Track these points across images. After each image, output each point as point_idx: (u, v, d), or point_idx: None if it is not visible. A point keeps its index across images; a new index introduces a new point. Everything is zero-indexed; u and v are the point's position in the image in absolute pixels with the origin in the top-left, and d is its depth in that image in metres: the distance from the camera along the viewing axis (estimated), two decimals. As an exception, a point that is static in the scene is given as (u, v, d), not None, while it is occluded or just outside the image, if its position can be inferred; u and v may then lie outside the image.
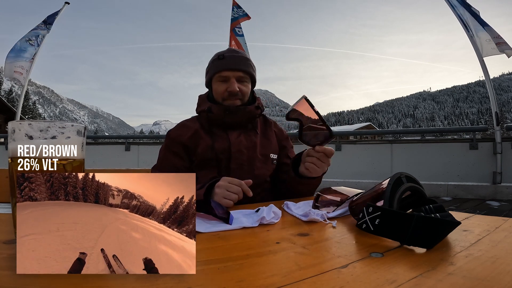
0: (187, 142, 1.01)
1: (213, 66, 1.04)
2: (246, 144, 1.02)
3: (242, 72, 1.02)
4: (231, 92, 1.00)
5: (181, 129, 1.05)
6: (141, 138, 19.63)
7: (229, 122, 1.02)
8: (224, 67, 1.01)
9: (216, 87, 1.03)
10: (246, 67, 1.03)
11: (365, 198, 0.59)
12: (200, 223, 0.56)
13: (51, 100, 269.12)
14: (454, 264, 0.38)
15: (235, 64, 1.01)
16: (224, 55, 1.03)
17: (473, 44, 4.45)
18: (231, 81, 1.00)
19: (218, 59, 1.03)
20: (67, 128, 0.41)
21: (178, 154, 1.02)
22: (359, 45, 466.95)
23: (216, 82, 1.03)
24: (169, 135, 1.06)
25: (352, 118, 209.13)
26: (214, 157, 0.98)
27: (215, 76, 1.03)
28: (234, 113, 1.00)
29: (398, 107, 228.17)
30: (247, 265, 0.38)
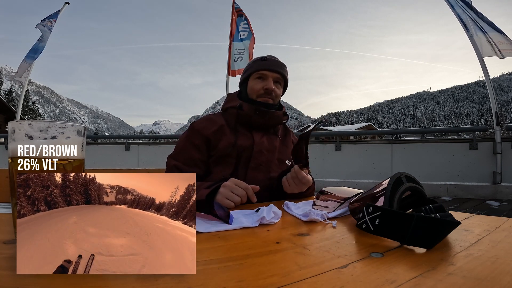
0: (211, 135, 1.03)
1: (253, 66, 1.10)
2: (268, 146, 1.06)
3: (279, 74, 1.09)
4: (267, 89, 1.06)
5: (207, 122, 1.07)
6: (141, 138, 19.63)
7: (256, 122, 1.06)
8: (265, 67, 1.08)
9: (253, 84, 1.08)
10: (283, 71, 1.10)
11: (365, 198, 0.59)
12: (200, 223, 0.56)
13: (51, 100, 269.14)
14: (454, 264, 0.38)
15: (274, 66, 1.09)
16: (266, 58, 1.10)
17: (473, 44, 4.45)
18: (269, 80, 1.07)
19: (261, 60, 1.10)
20: (67, 128, 0.41)
21: (198, 146, 1.03)
22: (359, 45, 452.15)
23: (253, 79, 1.09)
24: (193, 126, 1.07)
25: (352, 118, 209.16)
26: (234, 154, 1.00)
27: (254, 74, 1.09)
28: (263, 114, 1.05)
29: (398, 107, 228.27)
30: (247, 265, 0.38)
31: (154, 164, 5.70)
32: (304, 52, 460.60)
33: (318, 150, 5.54)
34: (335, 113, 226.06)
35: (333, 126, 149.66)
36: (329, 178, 5.06)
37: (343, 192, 0.71)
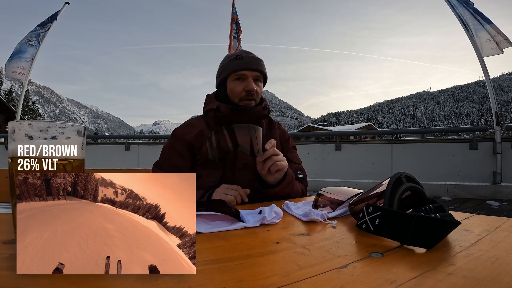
0: (192, 140, 1.02)
1: (229, 66, 1.04)
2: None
3: (258, 72, 1.04)
4: (249, 91, 1.01)
5: (187, 127, 1.06)
6: (141, 138, 19.63)
7: (235, 121, 1.02)
8: (242, 66, 1.02)
9: (233, 86, 1.03)
10: (261, 68, 1.05)
11: (365, 198, 0.59)
12: (200, 223, 0.56)
13: (51, 100, 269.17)
14: (454, 264, 0.38)
15: (252, 64, 1.03)
16: (241, 55, 1.04)
17: (473, 44, 4.45)
18: (249, 80, 1.02)
19: (236, 59, 1.04)
20: (67, 128, 0.41)
21: (181, 153, 1.02)
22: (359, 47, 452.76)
23: (232, 81, 1.04)
24: (174, 133, 1.06)
25: (352, 118, 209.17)
26: (220, 157, 0.97)
27: (232, 75, 1.04)
28: (242, 112, 1.01)
29: (398, 107, 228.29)
30: (247, 265, 0.38)
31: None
32: (305, 54, 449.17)
33: (318, 150, 5.54)
34: (335, 113, 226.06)
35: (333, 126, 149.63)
36: (329, 178, 5.06)
37: (343, 192, 0.71)
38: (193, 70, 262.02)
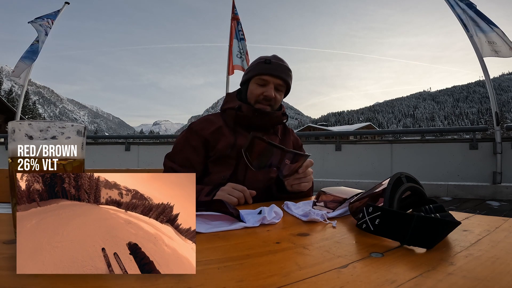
0: (209, 136, 1.02)
1: (256, 68, 1.06)
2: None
3: (282, 80, 1.04)
4: (267, 96, 1.02)
5: (205, 123, 1.06)
6: (141, 138, 19.63)
7: (255, 123, 1.05)
8: (267, 71, 1.03)
9: (253, 89, 1.05)
10: (286, 77, 1.06)
11: (365, 198, 0.59)
12: (200, 223, 0.56)
13: (51, 100, 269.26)
14: (454, 264, 0.38)
15: (277, 71, 1.04)
16: (270, 60, 1.05)
17: (473, 44, 4.44)
18: (269, 87, 1.03)
19: (264, 63, 1.04)
20: (67, 128, 0.41)
21: (196, 148, 1.02)
22: (359, 47, 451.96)
23: (254, 83, 1.05)
24: (191, 127, 1.06)
25: (352, 118, 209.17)
26: (234, 155, 0.99)
27: (255, 78, 1.05)
28: (263, 116, 1.03)
29: (398, 107, 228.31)
30: (247, 265, 0.38)
31: (154, 164, 5.70)
32: (305, 54, 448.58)
33: (318, 150, 5.54)
34: (335, 113, 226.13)
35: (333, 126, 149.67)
36: (329, 178, 5.06)
37: (343, 192, 0.71)
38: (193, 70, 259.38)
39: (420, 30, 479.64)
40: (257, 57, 1.12)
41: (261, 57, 1.10)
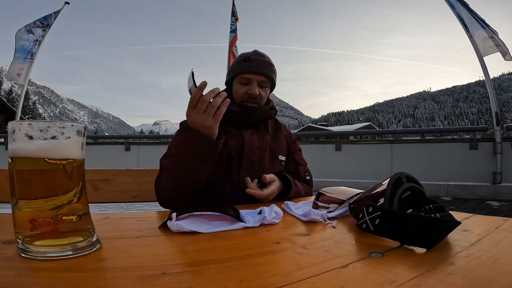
0: None
1: (237, 67, 1.04)
2: (258, 144, 1.03)
3: (264, 76, 1.03)
4: (251, 95, 1.01)
5: None
6: (141, 138, 19.64)
7: (244, 120, 1.03)
8: (248, 69, 1.01)
9: (237, 88, 1.04)
10: (269, 72, 1.04)
11: (365, 198, 0.59)
12: (201, 223, 0.56)
13: (51, 100, 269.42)
14: (454, 264, 0.38)
15: (259, 68, 1.02)
16: (250, 58, 1.03)
17: (473, 44, 4.45)
18: (253, 85, 1.01)
19: (244, 61, 1.03)
20: (67, 128, 0.41)
21: None
22: (359, 47, 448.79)
23: (237, 83, 1.04)
24: (183, 125, 1.05)
25: (352, 118, 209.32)
26: (225, 154, 0.98)
27: (238, 77, 1.03)
28: (251, 112, 1.01)
29: (398, 107, 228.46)
30: (247, 265, 0.38)
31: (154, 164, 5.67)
32: (306, 54, 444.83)
33: (318, 150, 5.54)
34: (335, 113, 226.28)
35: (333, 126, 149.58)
36: (329, 178, 5.06)
37: (343, 192, 0.71)
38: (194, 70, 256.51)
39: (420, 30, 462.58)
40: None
41: (241, 54, 1.08)
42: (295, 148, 1.16)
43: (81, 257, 0.39)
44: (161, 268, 0.36)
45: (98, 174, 1.29)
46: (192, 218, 0.57)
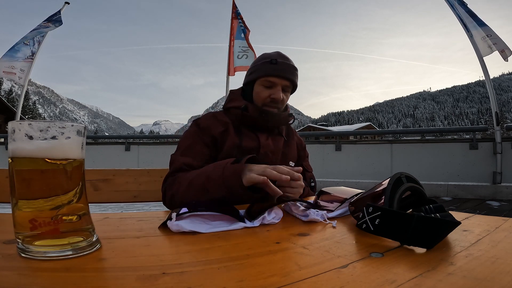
0: (218, 135, 0.97)
1: (261, 68, 1.00)
2: (273, 148, 1.02)
3: (289, 81, 1.00)
4: (274, 99, 0.98)
5: (212, 120, 1.01)
6: (141, 138, 19.64)
7: (260, 124, 1.01)
8: (274, 73, 0.98)
9: (260, 91, 1.00)
10: (293, 77, 1.01)
11: (365, 198, 0.59)
12: (201, 223, 0.56)
13: (51, 100, 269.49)
14: (454, 264, 0.38)
15: (285, 72, 0.99)
16: (277, 60, 0.99)
17: (473, 44, 4.45)
18: (277, 89, 0.99)
19: (270, 63, 0.99)
20: (67, 128, 0.41)
21: (208, 144, 0.97)
22: (359, 47, 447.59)
23: (260, 85, 1.01)
24: (198, 124, 1.00)
25: (352, 118, 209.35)
26: (239, 156, 0.97)
27: (261, 79, 1.00)
28: (269, 117, 0.99)
29: (398, 107, 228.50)
30: (247, 265, 0.38)
31: (154, 164, 5.70)
32: (306, 54, 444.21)
33: (318, 150, 5.54)
34: (335, 113, 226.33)
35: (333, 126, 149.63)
36: (329, 178, 5.06)
37: (343, 192, 0.71)
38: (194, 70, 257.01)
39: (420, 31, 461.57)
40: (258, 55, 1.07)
41: (265, 55, 1.04)
42: (304, 154, 1.17)
43: (81, 257, 0.39)
44: (161, 268, 0.36)
45: (98, 174, 1.29)
46: (192, 218, 0.57)
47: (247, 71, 1.09)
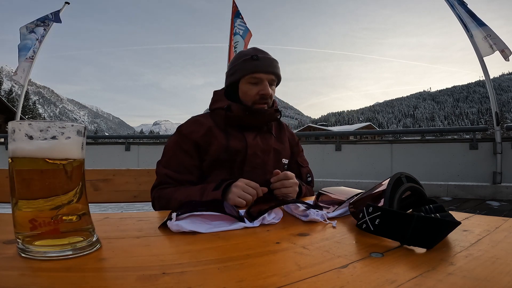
0: (200, 139, 0.96)
1: (244, 67, 0.98)
2: (262, 147, 1.00)
3: (274, 75, 0.99)
4: (264, 95, 0.97)
5: (194, 125, 0.99)
6: (141, 138, 19.64)
7: (247, 123, 0.99)
8: (259, 69, 0.96)
9: (247, 89, 0.98)
10: (277, 70, 1.00)
11: (365, 198, 0.59)
12: (200, 223, 0.56)
13: (51, 100, 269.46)
14: (454, 264, 0.38)
15: (269, 66, 0.98)
16: (257, 56, 0.98)
17: (473, 44, 4.45)
18: (264, 84, 0.97)
19: (252, 60, 0.97)
20: (67, 128, 0.41)
21: (189, 152, 0.96)
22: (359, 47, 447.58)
23: (246, 83, 0.99)
24: (180, 130, 0.99)
25: (352, 118, 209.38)
26: (227, 158, 0.94)
27: (246, 78, 0.98)
28: (254, 114, 0.97)
29: (398, 107, 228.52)
30: (247, 265, 0.38)
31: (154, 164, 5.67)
32: (306, 54, 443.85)
33: (318, 150, 5.54)
34: (335, 113, 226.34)
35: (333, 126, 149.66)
36: (329, 178, 5.06)
37: (343, 192, 0.71)
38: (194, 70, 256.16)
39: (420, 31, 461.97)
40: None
41: (242, 53, 1.02)
42: (298, 149, 1.15)
43: (81, 257, 0.39)
44: (161, 268, 0.36)
45: (98, 174, 1.29)
46: (192, 218, 0.57)
47: (226, 72, 1.07)
